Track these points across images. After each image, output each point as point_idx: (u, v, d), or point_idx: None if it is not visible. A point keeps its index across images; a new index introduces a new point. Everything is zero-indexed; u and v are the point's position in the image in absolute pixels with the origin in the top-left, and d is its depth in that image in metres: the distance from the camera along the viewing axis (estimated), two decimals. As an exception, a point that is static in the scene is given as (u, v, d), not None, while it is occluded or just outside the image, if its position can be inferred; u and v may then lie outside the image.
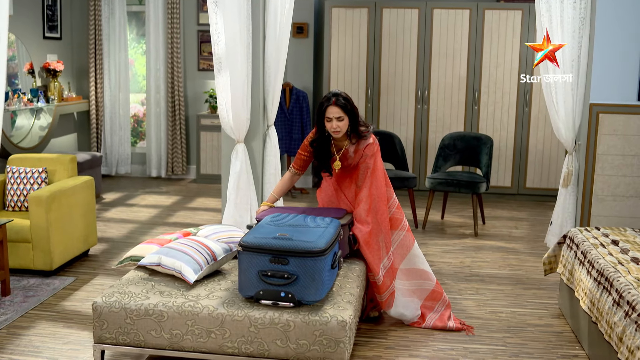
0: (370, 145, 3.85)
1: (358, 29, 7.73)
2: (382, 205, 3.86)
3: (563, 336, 3.95)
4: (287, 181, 4.11)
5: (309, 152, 4.00)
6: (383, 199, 3.88)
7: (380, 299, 3.88)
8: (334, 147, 3.91)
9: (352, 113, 3.77)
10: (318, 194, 4.16)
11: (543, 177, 7.65)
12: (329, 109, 3.74)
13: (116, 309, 3.15)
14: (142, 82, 9.12)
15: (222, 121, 5.18)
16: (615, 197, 5.18)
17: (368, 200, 3.80)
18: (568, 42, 5.06)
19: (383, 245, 3.85)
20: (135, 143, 9.13)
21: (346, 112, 3.74)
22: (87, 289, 4.54)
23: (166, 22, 8.38)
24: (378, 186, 3.85)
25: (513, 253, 5.60)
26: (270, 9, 5.21)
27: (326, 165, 3.95)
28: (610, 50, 5.01)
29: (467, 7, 7.52)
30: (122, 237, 5.86)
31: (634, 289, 3.15)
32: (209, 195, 7.66)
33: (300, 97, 7.78)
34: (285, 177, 4.12)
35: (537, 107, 7.55)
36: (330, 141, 3.90)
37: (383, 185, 3.90)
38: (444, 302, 4.11)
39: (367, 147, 3.83)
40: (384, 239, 3.86)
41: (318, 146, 3.91)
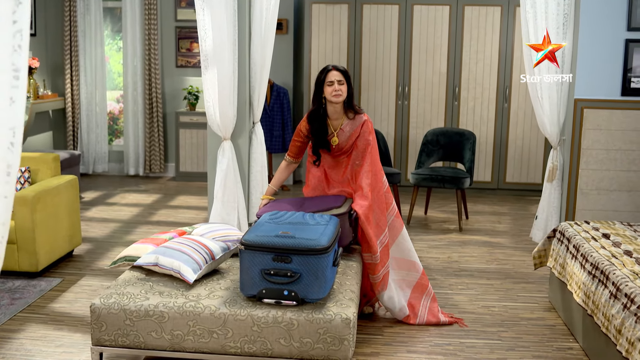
0: (366, 122, 3.91)
1: (338, 25, 7.72)
2: (379, 183, 3.90)
3: (556, 329, 3.99)
4: (283, 171, 4.10)
5: (303, 137, 3.98)
6: (380, 176, 3.92)
7: (375, 279, 3.84)
8: (330, 126, 3.91)
9: (349, 82, 3.85)
10: (304, 190, 4.11)
11: (523, 172, 7.73)
12: (330, 73, 3.80)
13: (115, 311, 3.09)
14: (118, 79, 9.00)
15: (209, 118, 5.13)
16: (600, 191, 5.25)
17: (369, 175, 3.83)
18: (552, 38, 5.11)
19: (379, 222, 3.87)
20: (111, 141, 9.01)
21: (346, 78, 3.82)
22: (75, 290, 4.46)
23: (143, 18, 8.27)
24: (376, 163, 3.90)
25: (499, 247, 5.65)
26: (256, 5, 5.17)
27: (324, 141, 3.91)
28: (594, 46, 5.07)
29: (447, 4, 7.55)
30: (105, 236, 5.77)
31: (631, 282, 3.19)
32: (189, 193, 7.59)
33: (281, 94, 7.75)
34: (281, 167, 4.10)
35: (516, 102, 7.62)
36: (327, 117, 3.90)
37: (380, 163, 3.96)
38: (429, 294, 4.13)
39: (364, 123, 3.89)
40: (380, 216, 3.87)
41: (316, 120, 3.89)
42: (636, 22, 5.04)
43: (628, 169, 5.18)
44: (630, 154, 5.17)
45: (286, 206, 3.77)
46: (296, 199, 3.92)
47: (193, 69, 8.46)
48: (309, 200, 3.88)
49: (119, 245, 5.50)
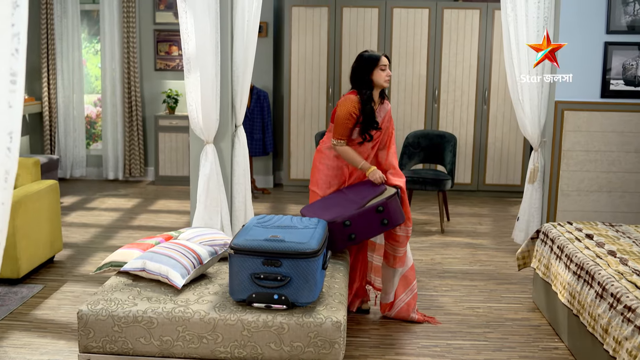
0: (390, 108, 4.18)
1: (318, 28, 7.72)
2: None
3: (541, 329, 4.03)
4: (352, 150, 4.01)
5: (354, 119, 3.97)
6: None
7: (399, 253, 4.02)
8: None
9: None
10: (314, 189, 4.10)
11: (502, 174, 7.80)
12: (382, 58, 3.98)
13: (103, 317, 3.06)
14: (95, 83, 8.91)
15: (192, 122, 5.09)
16: (580, 192, 5.31)
17: (395, 156, 4.12)
18: (533, 40, 5.16)
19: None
20: (89, 145, 8.91)
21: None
22: (57, 297, 4.41)
23: (122, 21, 8.20)
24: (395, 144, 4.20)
25: (481, 249, 5.69)
26: (238, 8, 5.15)
27: (374, 122, 4.00)
28: (574, 48, 5.13)
29: (427, 7, 7.59)
30: (86, 242, 5.71)
31: (617, 281, 3.23)
32: (170, 197, 7.53)
33: (261, 97, 7.73)
34: (347, 149, 3.97)
35: (495, 105, 7.68)
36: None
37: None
38: (412, 290, 4.16)
39: (390, 108, 4.15)
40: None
41: (368, 103, 3.97)
42: (615, 25, 5.11)
43: (608, 170, 5.25)
44: (609, 155, 5.24)
45: (337, 200, 3.85)
46: (339, 193, 3.98)
47: (172, 72, 8.42)
48: (351, 191, 3.95)
49: (101, 250, 5.45)
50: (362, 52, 4.08)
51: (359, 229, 3.68)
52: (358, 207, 3.70)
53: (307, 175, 7.90)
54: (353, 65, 4.07)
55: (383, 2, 7.63)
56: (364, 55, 4.02)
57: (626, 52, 5.14)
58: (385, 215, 3.70)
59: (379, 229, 3.75)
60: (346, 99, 4.00)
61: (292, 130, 7.87)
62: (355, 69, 4.03)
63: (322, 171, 4.08)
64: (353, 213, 3.66)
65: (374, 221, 3.70)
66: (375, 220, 3.70)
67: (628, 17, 5.12)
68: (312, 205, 3.91)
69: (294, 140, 7.89)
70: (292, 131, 7.88)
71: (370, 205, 3.71)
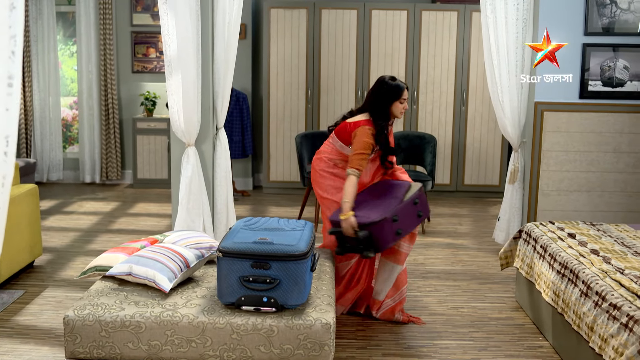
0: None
1: (297, 30, 7.72)
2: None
3: (525, 328, 4.07)
4: (356, 186, 3.87)
5: (371, 149, 3.96)
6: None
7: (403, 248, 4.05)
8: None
9: None
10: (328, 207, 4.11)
11: (480, 174, 7.86)
12: (405, 92, 4.00)
13: (90, 322, 3.02)
14: (71, 85, 8.81)
15: (173, 125, 5.06)
16: (560, 192, 5.37)
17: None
18: (512, 42, 5.22)
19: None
20: (65, 148, 8.80)
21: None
22: (39, 302, 4.35)
23: (98, 23, 8.12)
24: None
25: (462, 249, 5.72)
26: (219, 10, 5.13)
27: (391, 149, 4.08)
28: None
29: (405, 8, 7.63)
30: (66, 246, 5.64)
31: (601, 280, 3.28)
32: (149, 201, 7.47)
33: (240, 99, 7.71)
34: (354, 182, 3.83)
35: (473, 105, 7.74)
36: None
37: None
38: (400, 294, 4.17)
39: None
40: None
41: (383, 136, 3.99)
42: (593, 27, 5.18)
43: (587, 170, 5.31)
44: (588, 155, 5.31)
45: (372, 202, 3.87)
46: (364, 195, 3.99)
47: (150, 75, 8.35)
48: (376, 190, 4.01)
49: (81, 254, 5.39)
50: (384, 78, 4.04)
51: (404, 223, 3.76)
52: (398, 203, 3.77)
53: (286, 177, 7.89)
54: (373, 90, 4.04)
55: (361, 3, 7.65)
56: (388, 84, 3.99)
57: (603, 54, 5.22)
58: (420, 207, 3.84)
59: (416, 221, 3.87)
60: (363, 130, 3.92)
61: (271, 132, 7.86)
62: (375, 95, 4.01)
63: (329, 178, 4.10)
64: (397, 207, 3.73)
65: (413, 214, 3.82)
66: (413, 213, 3.82)
67: (605, 19, 5.19)
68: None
69: (274, 142, 7.88)
70: (272, 133, 7.86)
71: (409, 198, 3.81)
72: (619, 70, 5.23)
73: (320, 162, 4.13)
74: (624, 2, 5.17)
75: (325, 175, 4.09)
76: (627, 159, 5.32)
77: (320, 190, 4.12)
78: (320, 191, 4.12)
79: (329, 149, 4.14)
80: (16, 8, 1.52)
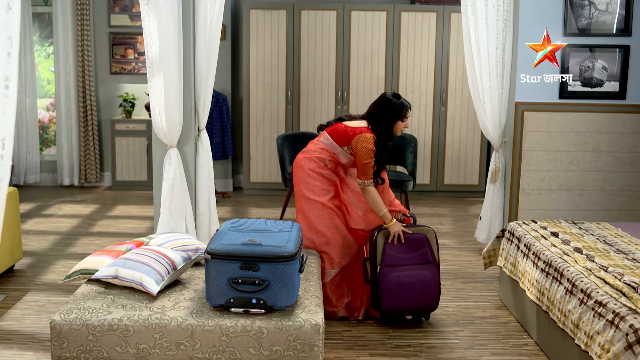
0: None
1: (277, 31, 7.71)
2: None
3: (510, 326, 4.10)
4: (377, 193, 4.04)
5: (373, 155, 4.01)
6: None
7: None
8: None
9: None
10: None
11: (460, 174, 7.91)
12: (408, 111, 4.02)
13: (77, 326, 2.99)
14: (47, 87, 8.71)
15: (155, 126, 5.02)
16: (541, 191, 5.43)
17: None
18: (492, 43, 5.26)
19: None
20: (41, 150, 8.69)
21: None
22: (21, 307, 4.29)
23: (75, 24, 8.04)
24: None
25: (445, 249, 5.75)
26: (200, 10, 5.11)
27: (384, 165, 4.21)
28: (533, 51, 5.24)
29: (384, 9, 7.66)
30: (46, 249, 5.57)
31: (586, 277, 3.32)
32: (128, 203, 7.41)
33: (220, 100, 7.68)
34: (374, 191, 3.99)
35: (452, 106, 7.80)
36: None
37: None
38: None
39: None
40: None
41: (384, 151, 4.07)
42: (572, 28, 5.25)
43: (567, 169, 5.38)
44: (568, 155, 5.37)
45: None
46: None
47: (128, 76, 8.29)
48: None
49: (62, 258, 5.33)
50: (387, 95, 4.04)
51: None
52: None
53: (267, 179, 7.88)
54: (377, 104, 4.04)
55: (341, 4, 7.66)
56: (392, 102, 3.99)
57: (582, 54, 5.28)
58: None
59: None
60: (364, 137, 3.96)
61: (251, 134, 7.84)
62: (378, 112, 4.01)
63: (318, 179, 4.09)
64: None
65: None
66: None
67: (584, 20, 5.26)
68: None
69: (254, 143, 7.86)
70: (252, 134, 7.84)
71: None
72: (597, 71, 5.30)
73: (310, 162, 4.12)
74: (602, 3, 5.25)
75: (314, 176, 4.09)
76: (606, 158, 5.39)
77: (307, 191, 4.10)
78: (307, 192, 4.10)
79: (318, 148, 4.14)
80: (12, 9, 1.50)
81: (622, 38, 5.29)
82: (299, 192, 4.15)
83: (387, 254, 3.94)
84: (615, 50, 5.30)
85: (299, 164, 4.16)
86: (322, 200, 4.05)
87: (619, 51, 5.30)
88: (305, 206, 4.12)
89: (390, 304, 3.94)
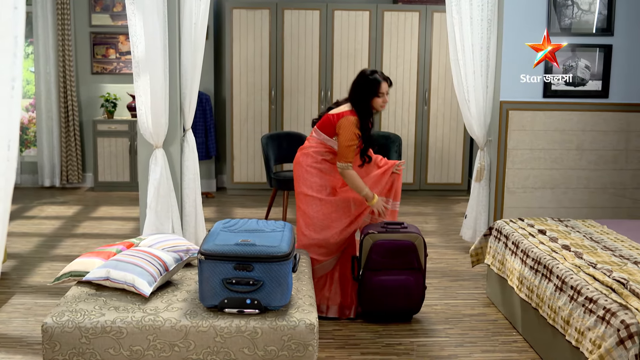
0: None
1: (260, 30, 7.69)
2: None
3: (498, 324, 4.14)
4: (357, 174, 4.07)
5: (358, 140, 4.01)
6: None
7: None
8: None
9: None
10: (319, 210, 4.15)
11: (443, 173, 7.96)
12: (382, 85, 3.98)
13: (69, 329, 2.96)
14: (27, 87, 8.61)
15: (141, 126, 4.99)
16: (525, 189, 5.48)
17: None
18: (477, 42, 5.30)
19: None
20: (21, 151, 8.60)
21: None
22: (7, 310, 4.24)
23: (56, 24, 7.96)
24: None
25: (431, 247, 5.78)
26: (185, 10, 5.08)
27: (373, 144, 4.15)
28: (517, 50, 5.29)
29: (367, 9, 7.68)
30: (30, 252, 5.51)
31: (575, 274, 3.36)
32: (112, 204, 7.35)
33: (203, 100, 7.65)
34: (354, 173, 4.03)
35: (435, 105, 7.84)
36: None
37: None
38: None
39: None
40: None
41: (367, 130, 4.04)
42: (555, 28, 5.30)
43: (551, 167, 5.43)
44: (552, 153, 5.43)
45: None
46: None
47: (110, 76, 8.22)
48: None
49: (47, 260, 5.27)
50: (365, 71, 4.07)
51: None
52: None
53: (250, 179, 7.86)
54: (355, 82, 4.07)
55: (324, 4, 7.67)
56: (368, 77, 4.02)
57: (565, 54, 5.34)
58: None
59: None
60: (347, 121, 3.99)
61: (234, 134, 7.82)
62: (356, 88, 4.05)
63: (316, 175, 4.10)
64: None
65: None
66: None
67: (567, 20, 5.32)
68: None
69: (237, 143, 7.84)
70: (235, 134, 7.82)
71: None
72: (580, 70, 5.36)
73: (307, 158, 4.14)
74: (585, 3, 5.31)
75: (312, 172, 4.10)
76: (590, 156, 5.45)
77: (305, 188, 4.12)
78: (305, 189, 4.12)
79: (314, 143, 4.16)
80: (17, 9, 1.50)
81: (604, 37, 5.36)
82: (297, 188, 4.20)
83: (371, 258, 3.97)
84: (596, 50, 5.37)
85: (297, 161, 4.22)
86: (319, 195, 4.07)
87: (600, 50, 5.36)
88: (304, 202, 4.17)
89: (369, 306, 4.04)
